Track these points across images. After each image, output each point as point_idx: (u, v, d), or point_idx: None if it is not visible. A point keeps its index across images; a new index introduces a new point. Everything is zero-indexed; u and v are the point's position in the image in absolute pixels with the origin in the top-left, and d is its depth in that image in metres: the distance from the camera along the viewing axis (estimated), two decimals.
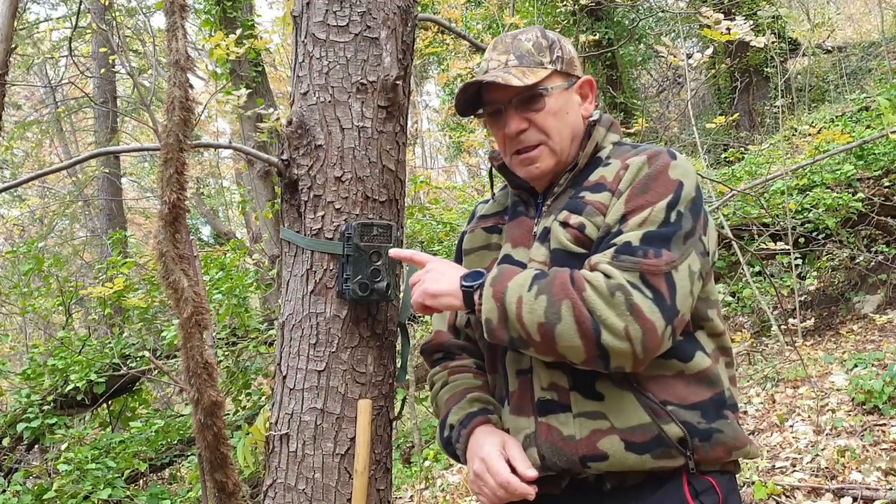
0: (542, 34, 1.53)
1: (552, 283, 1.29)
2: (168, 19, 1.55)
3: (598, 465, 1.32)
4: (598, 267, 1.30)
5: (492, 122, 1.53)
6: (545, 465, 1.36)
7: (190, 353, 1.54)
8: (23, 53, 11.52)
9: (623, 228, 1.33)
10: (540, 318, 1.27)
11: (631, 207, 1.34)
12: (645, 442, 1.31)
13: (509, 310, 1.30)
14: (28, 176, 2.49)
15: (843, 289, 6.79)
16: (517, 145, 1.49)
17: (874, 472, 3.42)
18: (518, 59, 1.47)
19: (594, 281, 1.27)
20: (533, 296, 1.28)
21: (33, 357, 5.89)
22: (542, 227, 1.46)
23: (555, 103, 1.48)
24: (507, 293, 1.31)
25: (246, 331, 5.65)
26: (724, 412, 1.38)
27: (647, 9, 11.96)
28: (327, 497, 1.62)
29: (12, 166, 13.57)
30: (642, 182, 1.36)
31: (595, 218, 1.38)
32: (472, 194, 11.08)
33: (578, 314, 1.25)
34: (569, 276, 1.30)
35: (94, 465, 4.64)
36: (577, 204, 1.42)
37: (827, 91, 12.40)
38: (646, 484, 1.34)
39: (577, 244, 1.38)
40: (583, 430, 1.33)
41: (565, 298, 1.27)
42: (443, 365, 1.64)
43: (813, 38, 11.15)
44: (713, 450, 1.34)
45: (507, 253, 1.50)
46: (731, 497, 1.38)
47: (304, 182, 1.69)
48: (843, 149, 5.63)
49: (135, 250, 11.09)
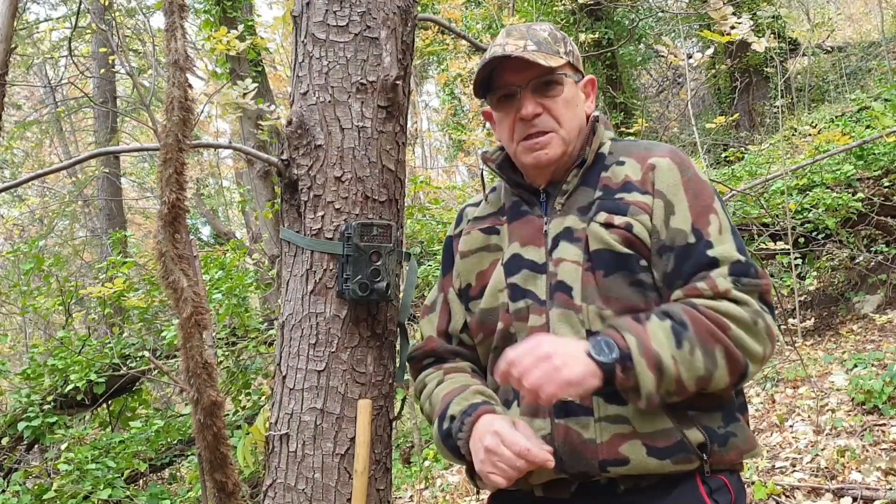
0: (554, 28, 1.54)
1: (698, 331, 1.28)
2: (167, 19, 1.55)
3: (617, 469, 1.31)
4: (729, 295, 1.31)
5: (502, 105, 1.50)
6: (560, 467, 1.33)
7: (190, 353, 1.54)
8: (23, 53, 11.51)
9: (710, 239, 1.35)
10: (699, 373, 1.28)
11: (696, 214, 1.38)
12: (667, 447, 1.30)
13: (667, 375, 1.26)
14: (28, 176, 2.49)
15: (843, 289, 6.79)
16: (529, 129, 1.46)
17: (874, 472, 3.41)
18: (536, 45, 1.46)
19: (734, 313, 1.30)
20: (687, 353, 1.27)
21: (33, 357, 5.88)
22: (563, 227, 1.43)
23: (569, 93, 1.48)
24: (661, 358, 1.26)
25: (246, 331, 5.65)
26: (737, 415, 1.39)
27: (647, 9, 11.95)
28: (327, 497, 1.61)
29: (12, 166, 13.56)
30: (690, 186, 1.40)
31: (640, 217, 1.38)
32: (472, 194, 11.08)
33: (730, 356, 1.29)
34: (707, 318, 1.29)
35: (94, 465, 4.64)
36: (616, 205, 1.40)
37: (827, 91, 12.40)
38: (660, 485, 1.33)
39: (625, 244, 1.37)
40: (604, 435, 1.31)
41: (717, 344, 1.28)
42: (436, 367, 1.59)
43: (813, 38, 11.15)
44: (727, 454, 1.35)
45: (515, 252, 1.47)
46: (740, 495, 1.39)
47: (303, 182, 1.69)
48: (843, 149, 5.63)
49: (135, 250, 11.09)
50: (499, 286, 1.47)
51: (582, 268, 1.38)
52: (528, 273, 1.44)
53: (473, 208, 1.65)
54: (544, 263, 1.43)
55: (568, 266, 1.39)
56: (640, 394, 1.26)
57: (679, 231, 1.37)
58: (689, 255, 1.36)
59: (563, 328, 1.37)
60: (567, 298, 1.38)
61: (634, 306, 1.36)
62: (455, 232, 1.64)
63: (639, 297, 1.37)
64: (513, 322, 1.43)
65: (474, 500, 4.43)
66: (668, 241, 1.37)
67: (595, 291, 1.37)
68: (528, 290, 1.43)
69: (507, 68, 1.46)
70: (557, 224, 1.45)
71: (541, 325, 1.39)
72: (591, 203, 1.44)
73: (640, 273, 1.37)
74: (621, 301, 1.36)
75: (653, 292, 1.38)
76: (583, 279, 1.38)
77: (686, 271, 1.35)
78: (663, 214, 1.38)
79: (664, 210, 1.39)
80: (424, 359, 1.62)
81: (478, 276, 1.53)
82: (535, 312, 1.41)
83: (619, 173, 1.45)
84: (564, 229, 1.43)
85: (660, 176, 1.41)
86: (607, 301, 1.36)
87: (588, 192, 1.46)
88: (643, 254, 1.37)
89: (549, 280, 1.41)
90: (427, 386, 1.56)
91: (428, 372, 1.59)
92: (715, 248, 1.35)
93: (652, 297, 1.38)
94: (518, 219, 1.52)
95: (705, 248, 1.35)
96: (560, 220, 1.45)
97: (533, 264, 1.44)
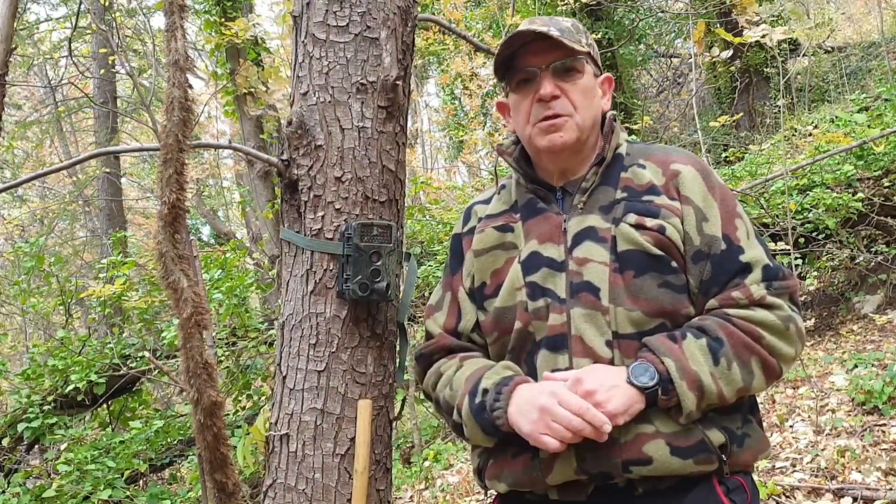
0: (577, 21, 1.55)
1: (733, 345, 1.32)
2: (167, 19, 1.55)
3: (640, 469, 1.30)
4: (764, 301, 1.35)
5: (520, 88, 1.50)
6: (582, 468, 1.32)
7: (190, 353, 1.54)
8: (23, 54, 11.52)
9: (740, 245, 1.39)
10: (738, 385, 1.32)
11: (725, 221, 1.41)
12: (690, 446, 1.31)
13: (708, 392, 1.30)
14: (28, 176, 2.49)
15: (843, 289, 6.79)
16: (545, 111, 1.45)
17: (874, 472, 3.41)
18: (560, 31, 1.46)
19: (767, 322, 1.34)
20: (725, 367, 1.31)
21: (33, 357, 5.88)
22: (585, 225, 1.43)
23: (588, 82, 1.49)
24: (700, 377, 1.29)
25: (246, 331, 5.66)
26: (750, 417, 1.40)
27: (647, 9, 11.95)
28: (327, 497, 1.62)
29: (13, 166, 13.56)
30: (716, 193, 1.43)
31: (671, 220, 1.40)
32: (472, 194, 11.08)
33: (766, 364, 1.34)
34: (742, 329, 1.33)
35: (93, 465, 4.64)
36: (647, 207, 1.41)
37: (827, 91, 12.40)
38: (678, 486, 1.33)
39: (657, 246, 1.38)
40: (627, 434, 1.31)
41: (752, 355, 1.33)
42: (449, 356, 1.54)
43: (813, 38, 11.15)
44: (743, 454, 1.36)
45: (534, 250, 1.45)
46: (755, 496, 1.40)
47: (304, 182, 1.69)
48: (843, 149, 5.63)
49: (135, 250, 11.09)
50: (516, 284, 1.45)
51: (609, 268, 1.38)
52: (548, 271, 1.42)
53: (483, 206, 1.62)
54: (563, 261, 1.42)
55: (595, 266, 1.39)
56: (682, 412, 1.30)
57: (714, 238, 1.39)
58: (724, 261, 1.38)
59: (587, 328, 1.36)
60: (594, 299, 1.37)
61: (663, 308, 1.37)
62: (464, 230, 1.61)
63: (668, 298, 1.37)
64: (532, 321, 1.42)
65: (474, 500, 4.43)
66: (704, 248, 1.39)
67: (623, 292, 1.37)
68: (548, 288, 1.41)
69: (528, 51, 1.47)
70: (578, 222, 1.44)
71: (561, 324, 1.38)
72: (612, 203, 1.44)
73: (670, 275, 1.38)
74: (651, 302, 1.37)
75: (681, 294, 1.39)
76: (610, 280, 1.37)
77: (722, 279, 1.38)
78: (695, 221, 1.40)
79: (695, 216, 1.40)
80: (434, 354, 1.58)
81: (493, 274, 1.50)
82: (554, 311, 1.39)
83: (641, 176, 1.45)
84: (587, 228, 1.42)
85: (685, 183, 1.43)
86: (636, 302, 1.36)
87: (608, 191, 1.45)
88: (674, 256, 1.39)
89: (569, 278, 1.40)
90: (444, 374, 1.52)
91: (442, 362, 1.55)
92: (746, 254, 1.38)
93: (680, 298, 1.38)
94: (534, 216, 1.50)
95: (737, 253, 1.38)
96: (581, 219, 1.44)
97: (552, 262, 1.42)
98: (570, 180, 1.50)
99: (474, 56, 10.51)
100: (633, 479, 1.33)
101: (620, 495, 1.34)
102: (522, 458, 1.38)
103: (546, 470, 1.35)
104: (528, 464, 1.37)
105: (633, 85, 13.79)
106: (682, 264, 1.39)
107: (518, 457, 1.39)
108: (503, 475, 1.42)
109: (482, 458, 1.48)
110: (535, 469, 1.36)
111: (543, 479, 1.35)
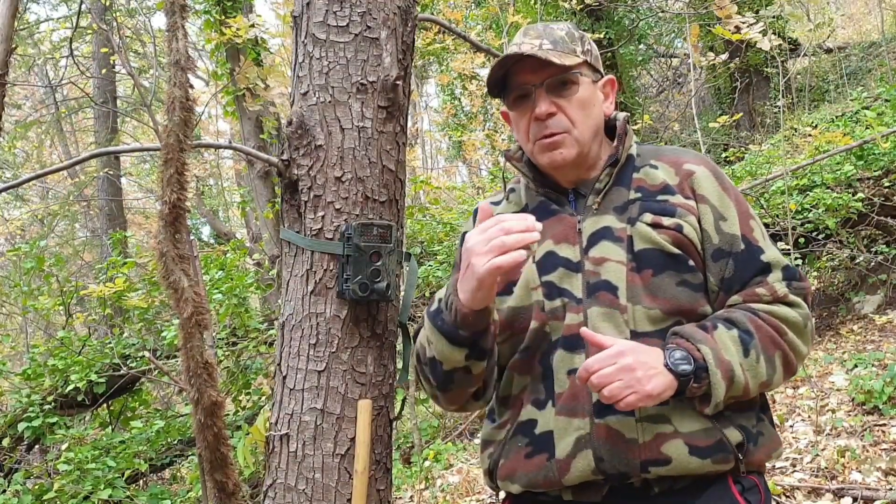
0: (573, 27, 1.54)
1: (761, 339, 1.34)
2: (168, 19, 1.55)
3: (658, 469, 1.30)
4: (787, 299, 1.38)
5: (517, 105, 1.50)
6: (600, 468, 1.31)
7: (190, 353, 1.54)
8: (23, 53, 11.53)
9: (759, 245, 1.41)
10: (762, 379, 1.34)
11: (742, 219, 1.42)
12: (708, 446, 1.31)
13: (737, 383, 1.30)
14: (28, 176, 2.49)
15: (843, 289, 6.79)
16: (543, 130, 1.45)
17: (874, 472, 3.42)
18: (552, 43, 1.46)
19: (790, 318, 1.36)
20: (754, 360, 1.32)
21: (33, 357, 5.88)
22: (601, 225, 1.43)
23: (584, 93, 1.47)
24: (733, 368, 1.30)
25: (246, 331, 5.66)
26: (762, 415, 1.41)
27: (647, 9, 11.94)
28: (327, 497, 1.62)
29: (13, 167, 13.57)
30: (731, 193, 1.45)
31: (688, 218, 1.40)
32: (472, 194, 11.09)
33: (786, 360, 1.36)
34: (768, 324, 1.35)
35: (94, 465, 4.65)
36: (662, 206, 1.42)
37: (827, 91, 12.39)
38: (694, 486, 1.33)
39: (675, 245, 1.38)
40: (646, 434, 1.31)
41: (777, 350, 1.35)
42: None
43: (813, 38, 11.14)
44: (758, 453, 1.37)
45: (549, 250, 1.44)
46: (768, 496, 1.41)
47: (304, 182, 1.69)
48: (843, 149, 5.63)
49: (135, 250, 11.09)
50: (531, 284, 1.44)
51: (627, 268, 1.38)
52: (564, 271, 1.42)
53: (495, 206, 1.61)
54: (580, 262, 1.42)
55: (612, 265, 1.39)
56: (709, 402, 1.30)
57: (734, 237, 1.40)
58: (746, 260, 1.40)
59: (605, 327, 1.36)
60: (612, 298, 1.37)
61: (681, 306, 1.37)
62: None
63: (686, 296, 1.38)
64: (548, 321, 1.41)
65: (474, 500, 4.44)
66: (725, 247, 1.40)
67: (641, 291, 1.37)
68: (564, 288, 1.41)
69: (522, 68, 1.46)
70: (593, 223, 1.44)
71: (577, 324, 1.38)
72: (627, 203, 1.44)
73: (687, 273, 1.39)
74: (669, 300, 1.37)
75: (698, 292, 1.39)
76: (628, 279, 1.37)
77: (745, 276, 1.39)
78: (713, 219, 1.41)
79: (712, 215, 1.41)
80: None
81: None
82: (571, 311, 1.39)
83: (654, 176, 1.46)
84: (603, 228, 1.43)
85: (699, 183, 1.44)
86: (655, 300, 1.37)
87: (622, 191, 1.46)
88: (691, 255, 1.39)
89: (585, 278, 1.40)
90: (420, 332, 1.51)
91: None
92: (766, 254, 1.41)
93: (697, 297, 1.39)
94: (548, 217, 1.48)
95: (758, 253, 1.40)
96: (596, 219, 1.44)
97: (568, 262, 1.42)
98: (583, 182, 1.51)
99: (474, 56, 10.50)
100: (649, 479, 1.33)
101: (636, 496, 1.34)
102: (538, 458, 1.37)
103: (562, 470, 1.34)
104: (543, 464, 1.36)
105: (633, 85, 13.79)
106: (699, 262, 1.40)
107: (533, 457, 1.38)
108: (517, 476, 1.41)
109: (492, 459, 1.47)
110: (551, 469, 1.35)
111: (559, 479, 1.34)
